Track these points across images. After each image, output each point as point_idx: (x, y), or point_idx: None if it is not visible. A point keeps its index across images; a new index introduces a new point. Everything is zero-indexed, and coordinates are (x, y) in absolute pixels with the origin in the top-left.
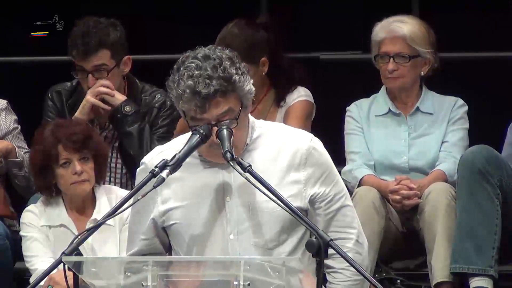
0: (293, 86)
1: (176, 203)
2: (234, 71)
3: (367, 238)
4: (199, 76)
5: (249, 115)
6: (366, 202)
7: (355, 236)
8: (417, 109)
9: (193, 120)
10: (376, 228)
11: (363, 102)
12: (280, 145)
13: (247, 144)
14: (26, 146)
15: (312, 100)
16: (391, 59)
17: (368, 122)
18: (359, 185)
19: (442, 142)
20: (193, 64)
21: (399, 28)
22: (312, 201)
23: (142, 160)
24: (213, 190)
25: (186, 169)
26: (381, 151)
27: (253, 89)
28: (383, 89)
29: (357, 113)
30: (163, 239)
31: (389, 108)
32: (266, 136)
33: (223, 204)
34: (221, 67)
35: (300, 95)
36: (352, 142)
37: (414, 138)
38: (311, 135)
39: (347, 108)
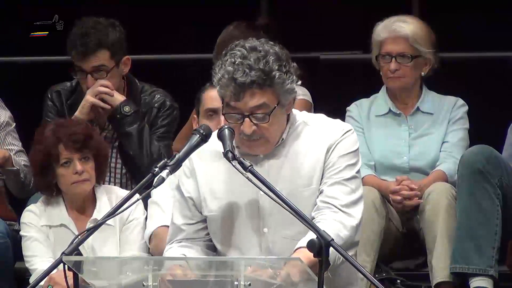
0: None
1: (212, 195)
2: (277, 67)
3: (367, 238)
4: (241, 64)
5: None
6: (366, 202)
7: (338, 204)
8: (417, 109)
9: (228, 107)
10: (376, 228)
11: (363, 102)
12: (315, 138)
13: (283, 139)
14: (20, 145)
15: (310, 99)
16: (393, 59)
17: (368, 122)
18: None
19: (443, 142)
20: (238, 52)
21: (402, 28)
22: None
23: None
24: (247, 183)
25: (224, 162)
26: (381, 151)
27: (296, 89)
28: (383, 89)
29: (357, 113)
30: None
31: (390, 108)
32: (303, 130)
33: (257, 197)
34: (264, 60)
35: (297, 94)
36: None
37: (415, 138)
38: (346, 126)
39: (347, 108)
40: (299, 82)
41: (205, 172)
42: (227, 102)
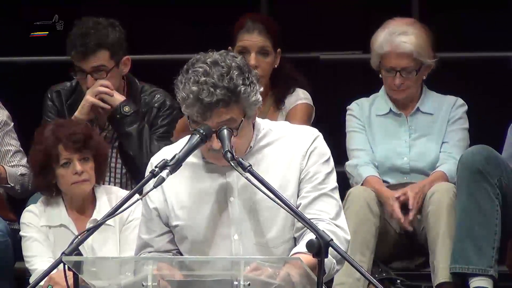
0: (292, 87)
1: (180, 204)
2: (241, 82)
3: (362, 238)
4: (205, 83)
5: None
6: (360, 202)
7: (328, 218)
8: (418, 109)
9: (195, 123)
10: (372, 227)
11: (364, 102)
12: (284, 144)
13: (251, 147)
14: (18, 145)
15: (311, 102)
16: (398, 73)
17: (369, 122)
18: (362, 183)
19: (442, 143)
20: (201, 69)
21: (405, 44)
22: (301, 180)
23: (150, 161)
24: (216, 190)
25: (191, 170)
26: (382, 151)
27: (260, 99)
28: (383, 89)
29: (359, 111)
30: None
31: (390, 108)
32: (270, 136)
33: (226, 205)
34: (228, 77)
35: (300, 98)
36: (355, 140)
37: (415, 139)
38: (315, 131)
39: (348, 107)
40: (261, 89)
41: (171, 181)
42: (194, 120)
